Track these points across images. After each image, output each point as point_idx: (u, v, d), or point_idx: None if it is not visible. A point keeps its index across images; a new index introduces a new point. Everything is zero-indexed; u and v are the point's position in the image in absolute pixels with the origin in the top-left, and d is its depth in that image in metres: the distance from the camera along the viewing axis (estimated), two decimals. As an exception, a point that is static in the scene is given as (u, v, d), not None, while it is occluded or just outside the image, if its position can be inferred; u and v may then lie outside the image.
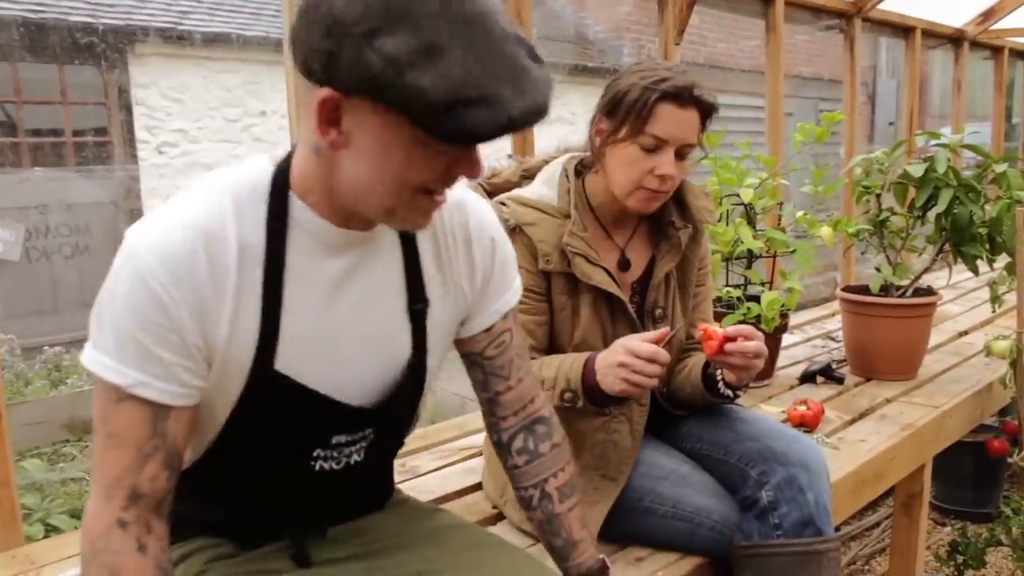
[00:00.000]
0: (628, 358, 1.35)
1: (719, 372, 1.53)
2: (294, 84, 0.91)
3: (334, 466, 1.06)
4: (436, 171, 0.87)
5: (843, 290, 2.68)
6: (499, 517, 1.73)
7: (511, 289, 1.18)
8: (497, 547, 1.19)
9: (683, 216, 1.61)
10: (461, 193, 1.10)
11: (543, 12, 8.86)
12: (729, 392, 1.54)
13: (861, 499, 2.00)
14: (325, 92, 0.82)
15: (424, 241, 1.06)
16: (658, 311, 1.61)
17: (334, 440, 1.04)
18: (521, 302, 1.49)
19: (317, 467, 1.05)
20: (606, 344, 1.57)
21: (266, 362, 0.95)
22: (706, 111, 1.47)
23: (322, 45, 0.79)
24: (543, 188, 1.59)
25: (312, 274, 0.97)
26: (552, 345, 1.57)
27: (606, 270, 1.53)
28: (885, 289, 2.58)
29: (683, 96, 1.43)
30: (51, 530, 2.53)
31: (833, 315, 3.47)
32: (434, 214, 0.95)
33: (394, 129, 0.83)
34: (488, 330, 1.16)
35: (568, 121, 8.48)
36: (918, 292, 2.59)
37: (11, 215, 5.25)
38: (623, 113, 1.46)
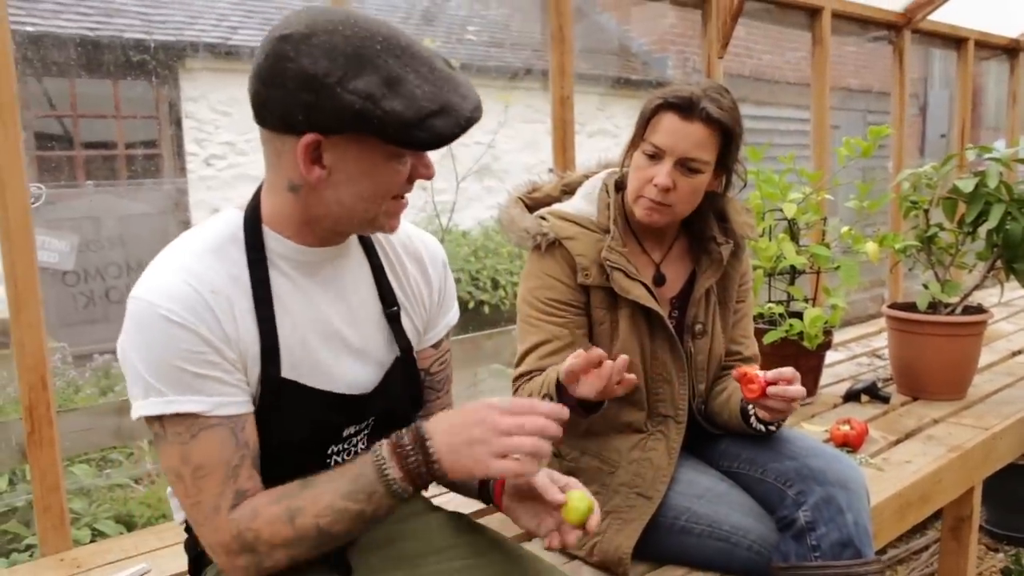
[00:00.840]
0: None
1: (752, 408, 1.51)
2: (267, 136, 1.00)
3: (346, 457, 1.16)
4: (404, 177, 1.03)
5: (889, 307, 2.63)
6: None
7: (454, 308, 1.32)
8: (532, 560, 1.20)
9: (724, 231, 1.60)
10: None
11: (587, 25, 8.88)
12: (762, 428, 1.53)
13: (906, 522, 1.95)
14: (308, 137, 0.96)
15: (380, 256, 1.20)
16: (698, 326, 1.59)
17: (345, 433, 1.15)
18: (556, 315, 1.50)
19: (332, 462, 1.14)
20: (644, 359, 1.56)
21: (273, 372, 1.06)
22: (719, 128, 1.44)
23: (300, 99, 0.94)
24: (583, 203, 1.60)
25: (296, 291, 1.09)
26: None
27: (645, 285, 1.53)
28: (933, 306, 2.52)
29: (685, 107, 1.42)
30: (97, 535, 2.58)
31: (880, 332, 3.39)
32: (381, 238, 1.19)
33: (370, 152, 0.99)
34: (436, 346, 1.29)
35: (611, 134, 8.47)
36: (968, 310, 2.53)
37: (66, 226, 5.40)
38: (637, 121, 1.50)
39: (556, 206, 1.62)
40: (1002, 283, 2.58)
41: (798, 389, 1.38)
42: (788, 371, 1.39)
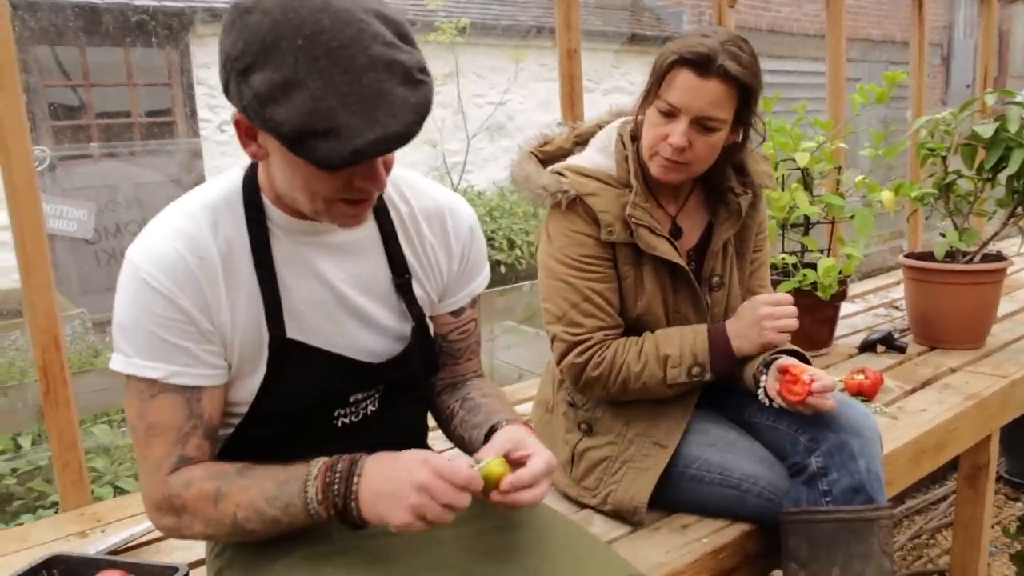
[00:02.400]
0: (768, 309, 1.46)
1: (764, 379, 1.49)
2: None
3: (353, 419, 1.16)
4: (336, 185, 0.94)
5: (906, 256, 2.59)
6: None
7: (482, 275, 1.25)
8: (548, 516, 1.21)
9: (743, 182, 1.57)
10: (423, 182, 1.20)
11: (599, -20, 8.73)
12: (766, 402, 1.50)
13: (920, 470, 1.94)
14: (237, 114, 0.93)
15: (395, 223, 1.15)
16: (715, 279, 1.58)
17: (352, 399, 1.14)
18: (591, 271, 1.50)
19: (339, 424, 1.15)
20: (667, 314, 1.55)
21: (279, 333, 1.06)
22: (737, 84, 1.39)
23: (221, 75, 0.90)
24: (598, 156, 1.56)
25: (297, 256, 1.07)
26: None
27: (670, 240, 1.51)
28: (951, 255, 2.48)
29: (702, 64, 1.37)
30: (119, 492, 2.64)
31: (898, 283, 3.35)
32: (398, 202, 1.14)
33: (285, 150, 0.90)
34: (456, 314, 1.24)
35: (627, 91, 8.37)
36: (987, 258, 2.49)
37: (83, 194, 5.45)
38: (651, 76, 1.45)
39: (571, 160, 1.59)
40: (1023, 231, 2.53)
41: (831, 404, 1.41)
42: (829, 382, 1.39)
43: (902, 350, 2.47)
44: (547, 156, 1.63)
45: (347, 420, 1.15)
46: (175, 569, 1.22)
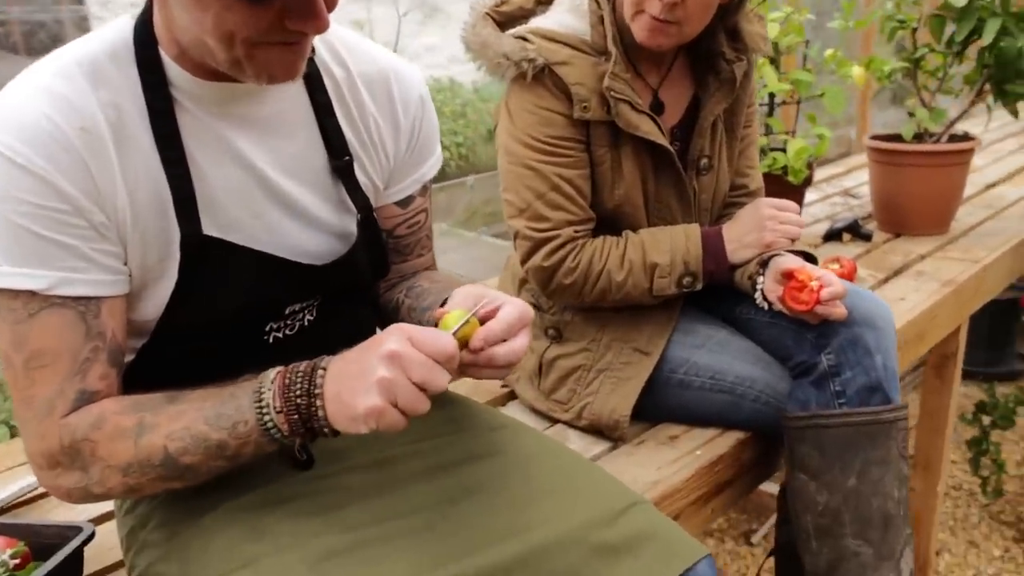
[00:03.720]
0: (772, 210, 1.30)
1: (761, 280, 1.31)
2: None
3: (288, 332, 0.95)
4: (260, 25, 0.74)
5: (872, 138, 2.44)
6: (510, 396, 1.55)
7: (433, 156, 1.06)
8: (511, 429, 1.03)
9: (735, 47, 1.34)
10: (364, 43, 0.98)
11: None
12: (765, 306, 1.33)
13: (902, 363, 1.82)
14: None
15: (330, 92, 0.93)
16: (703, 161, 1.37)
17: (288, 310, 0.93)
18: (561, 155, 1.27)
19: (271, 339, 0.94)
20: (647, 203, 1.34)
21: (192, 228, 0.84)
22: None
23: None
24: (569, 18, 1.31)
25: (211, 132, 0.85)
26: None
27: (652, 118, 1.28)
28: (918, 137, 2.34)
29: None
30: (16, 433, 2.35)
31: (849, 172, 3.24)
32: (333, 66, 0.92)
33: None
34: (403, 204, 1.04)
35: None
36: (953, 139, 2.36)
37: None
38: None
39: (535, 22, 1.33)
40: (990, 107, 2.40)
41: (841, 311, 1.23)
42: (840, 289, 1.21)
43: (868, 238, 2.35)
44: (505, 18, 1.37)
45: (280, 335, 0.95)
46: (78, 529, 0.99)
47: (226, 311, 0.87)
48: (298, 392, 0.77)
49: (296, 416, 0.77)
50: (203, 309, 0.86)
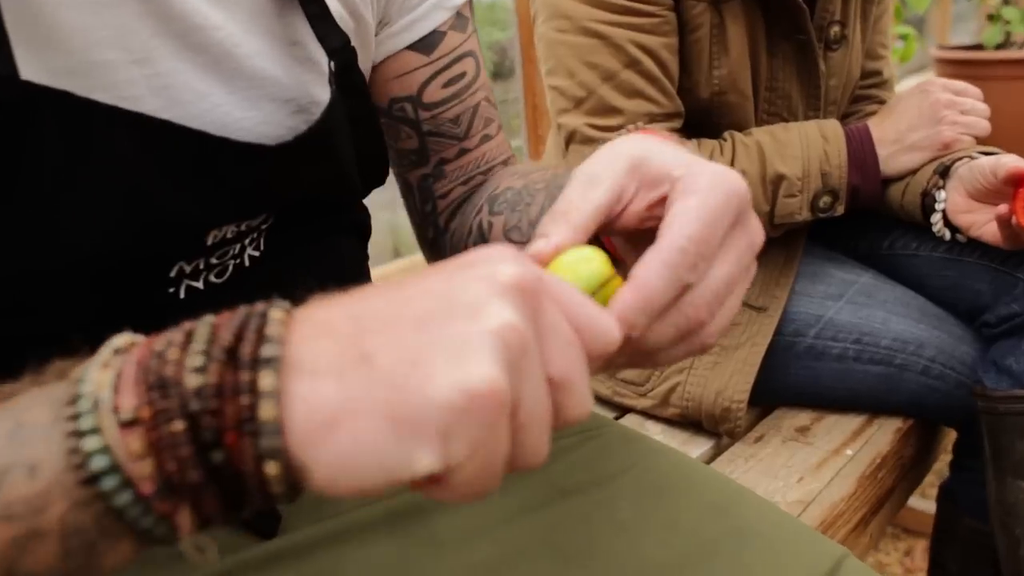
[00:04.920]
0: (949, 95, 0.91)
1: (942, 196, 0.90)
2: None
3: (212, 278, 0.50)
4: None
5: (941, 48, 2.03)
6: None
7: None
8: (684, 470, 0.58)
9: None
10: None
11: None
12: (947, 234, 0.92)
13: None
14: None
15: None
16: (834, 30, 0.95)
17: (210, 238, 0.48)
18: (642, 12, 0.83)
19: (182, 292, 0.49)
20: (758, 91, 0.93)
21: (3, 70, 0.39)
22: None
23: None
24: None
25: None
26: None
27: None
28: (1002, 46, 1.95)
29: None
30: None
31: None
32: None
33: None
34: (426, 45, 0.59)
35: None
36: (1040, 46, 1.97)
37: None
38: None
39: None
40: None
41: None
42: None
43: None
44: None
45: (198, 283, 0.50)
46: None
47: (85, 236, 0.42)
48: (208, 372, 0.28)
49: (191, 446, 0.27)
50: (32, 231, 0.41)
